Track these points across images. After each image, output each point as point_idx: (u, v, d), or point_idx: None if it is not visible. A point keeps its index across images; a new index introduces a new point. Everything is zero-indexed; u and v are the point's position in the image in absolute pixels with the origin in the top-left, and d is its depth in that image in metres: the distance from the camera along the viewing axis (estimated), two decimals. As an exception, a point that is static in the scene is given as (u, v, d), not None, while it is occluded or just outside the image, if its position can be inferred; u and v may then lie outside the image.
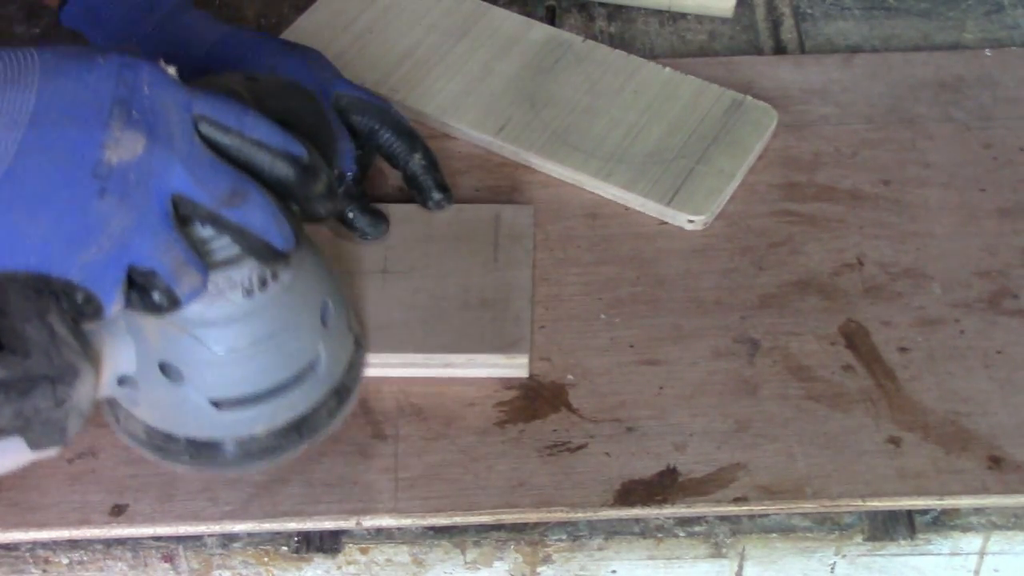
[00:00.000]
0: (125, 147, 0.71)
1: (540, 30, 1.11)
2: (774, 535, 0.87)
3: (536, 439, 0.89)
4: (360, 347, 0.88)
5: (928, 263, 0.97)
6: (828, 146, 1.04)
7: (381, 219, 0.97)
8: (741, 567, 0.88)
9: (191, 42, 0.97)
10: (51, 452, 0.77)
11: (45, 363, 0.75)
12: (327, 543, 0.87)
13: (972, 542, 0.87)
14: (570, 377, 0.92)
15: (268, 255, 0.76)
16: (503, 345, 0.91)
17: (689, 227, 0.99)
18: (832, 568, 0.88)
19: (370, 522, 0.86)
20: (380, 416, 0.90)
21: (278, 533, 0.86)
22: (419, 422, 0.89)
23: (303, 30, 1.09)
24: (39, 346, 0.75)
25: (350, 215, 0.96)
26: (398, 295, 0.94)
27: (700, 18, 1.14)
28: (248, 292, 0.79)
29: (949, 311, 0.95)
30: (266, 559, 0.87)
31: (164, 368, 0.81)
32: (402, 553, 0.87)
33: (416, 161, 0.98)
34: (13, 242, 0.71)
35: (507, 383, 0.91)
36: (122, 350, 0.80)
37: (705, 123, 1.04)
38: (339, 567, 0.87)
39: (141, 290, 0.75)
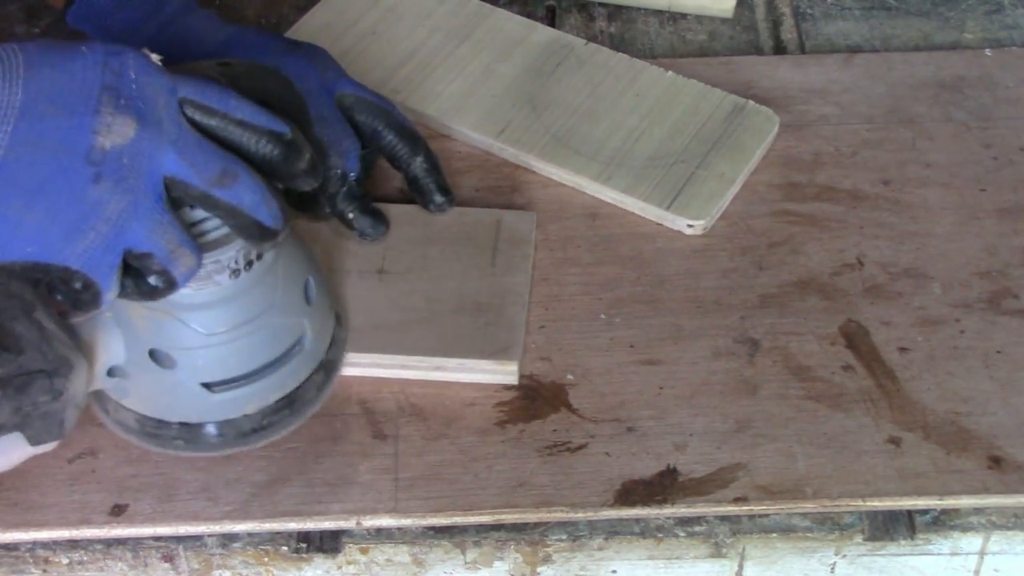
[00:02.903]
0: (117, 132, 0.72)
1: (542, 33, 1.11)
2: (774, 535, 0.87)
3: (536, 439, 0.89)
4: (341, 323, 0.90)
5: (928, 263, 0.97)
6: (828, 146, 1.04)
7: (381, 220, 0.97)
8: (741, 567, 0.88)
9: (197, 42, 0.98)
10: (49, 447, 0.78)
11: (39, 358, 0.76)
12: (327, 543, 0.87)
13: (972, 542, 0.87)
14: (570, 377, 0.92)
15: (258, 234, 0.77)
16: (494, 351, 0.91)
17: (688, 232, 0.99)
18: (832, 568, 0.88)
19: (370, 522, 0.86)
20: (380, 416, 0.90)
21: (278, 533, 0.86)
22: (419, 422, 0.89)
23: (306, 30, 1.10)
24: (31, 342, 0.76)
25: (350, 215, 0.96)
26: (393, 296, 0.94)
27: (700, 18, 1.14)
28: (235, 273, 0.80)
29: (949, 311, 0.95)
30: (266, 559, 0.87)
31: (154, 355, 0.82)
32: (402, 553, 0.87)
33: (418, 164, 0.98)
34: (10, 233, 0.72)
35: (507, 383, 0.91)
36: (110, 341, 0.82)
37: (706, 127, 1.04)
38: (339, 567, 0.87)
39: (136, 275, 0.76)
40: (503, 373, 0.91)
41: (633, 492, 0.86)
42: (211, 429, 0.85)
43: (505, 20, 1.12)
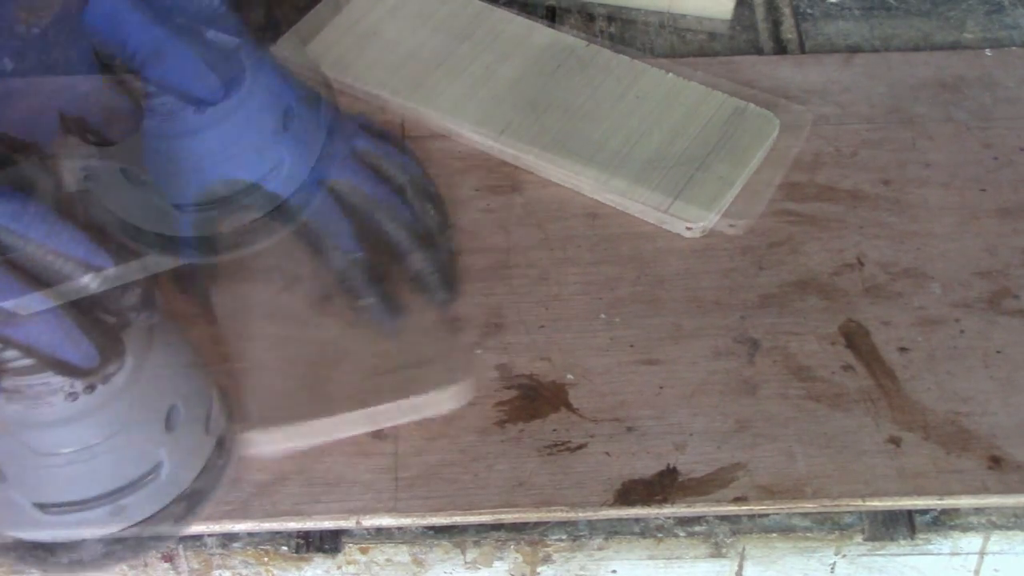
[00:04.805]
0: None
1: (543, 34, 1.11)
2: (774, 535, 0.87)
3: (536, 439, 0.89)
4: (224, 448, 0.84)
5: (928, 263, 0.97)
6: (828, 146, 1.04)
7: (397, 311, 0.91)
8: (741, 567, 0.88)
9: None
10: None
11: None
12: (327, 543, 0.87)
13: (972, 542, 0.87)
14: (570, 377, 0.92)
15: (67, 372, 0.72)
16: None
17: (687, 235, 0.99)
18: (832, 568, 0.88)
19: (370, 522, 0.86)
20: (380, 416, 0.90)
21: (278, 533, 0.86)
22: (419, 422, 0.89)
23: (306, 30, 1.10)
24: None
25: (363, 302, 0.91)
26: None
27: (700, 18, 1.14)
28: (72, 396, 0.75)
29: (949, 311, 0.95)
30: (266, 559, 0.87)
31: None
32: (402, 553, 0.87)
33: (417, 259, 0.93)
34: None
35: (507, 383, 0.91)
36: None
37: (706, 130, 1.04)
38: (339, 567, 0.87)
39: None
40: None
41: (633, 492, 0.86)
42: (50, 549, 0.80)
43: (506, 21, 1.12)
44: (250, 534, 0.86)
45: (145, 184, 0.75)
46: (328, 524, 0.86)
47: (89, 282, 0.69)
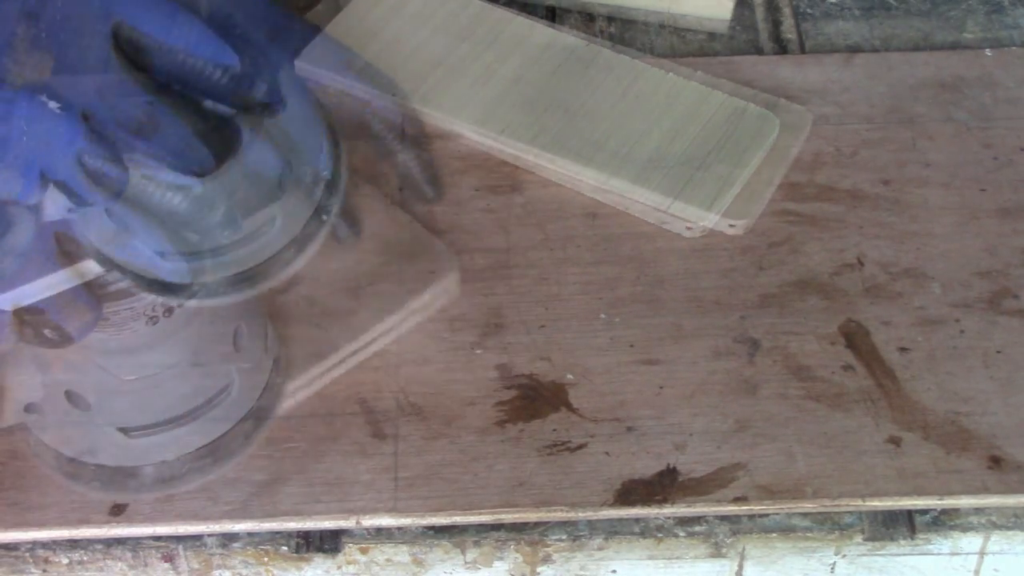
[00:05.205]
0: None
1: (543, 34, 1.11)
2: (774, 535, 0.87)
3: (536, 439, 0.89)
4: (280, 366, 0.88)
5: (928, 263, 0.97)
6: (828, 146, 1.04)
7: (356, 226, 0.89)
8: (741, 567, 0.88)
9: None
10: None
11: None
12: (327, 543, 0.87)
13: (972, 542, 0.87)
14: (570, 377, 0.92)
15: (161, 291, 0.75)
16: None
17: (687, 235, 0.99)
18: (832, 568, 0.88)
19: (370, 522, 0.86)
20: (380, 416, 0.90)
21: (278, 533, 0.86)
22: (419, 422, 0.89)
23: (304, 32, 1.10)
24: None
25: (324, 217, 0.89)
26: None
27: (700, 18, 1.14)
28: (152, 320, 0.78)
29: (949, 311, 0.95)
30: (266, 559, 0.87)
31: (70, 396, 0.81)
32: (402, 553, 0.87)
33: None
34: None
35: (507, 383, 0.91)
36: (26, 379, 0.80)
37: (706, 130, 1.04)
38: (339, 567, 0.87)
39: (35, 326, 0.74)
40: None
41: (633, 492, 0.86)
42: (129, 473, 0.84)
43: (506, 21, 1.12)
44: (250, 534, 0.86)
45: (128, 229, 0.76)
46: (328, 524, 0.86)
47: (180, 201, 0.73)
